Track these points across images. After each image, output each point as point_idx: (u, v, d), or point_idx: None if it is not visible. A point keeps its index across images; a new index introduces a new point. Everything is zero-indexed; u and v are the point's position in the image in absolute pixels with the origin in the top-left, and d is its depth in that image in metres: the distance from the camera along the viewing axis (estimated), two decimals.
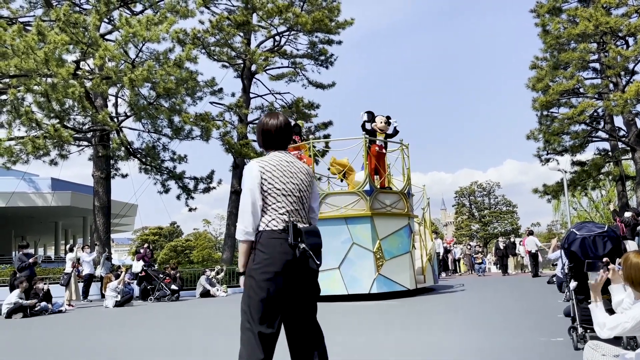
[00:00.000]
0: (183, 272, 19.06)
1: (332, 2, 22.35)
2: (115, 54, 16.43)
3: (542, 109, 23.74)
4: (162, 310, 11.88)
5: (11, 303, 11.29)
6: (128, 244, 76.64)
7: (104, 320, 10.48)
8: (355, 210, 11.51)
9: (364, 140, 11.86)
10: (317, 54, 23.39)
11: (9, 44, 15.42)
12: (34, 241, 40.47)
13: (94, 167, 19.82)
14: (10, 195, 22.80)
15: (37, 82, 16.03)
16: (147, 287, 15.74)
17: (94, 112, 17.70)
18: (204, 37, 20.83)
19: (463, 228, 67.52)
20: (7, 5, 19.28)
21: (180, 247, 43.02)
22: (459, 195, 71.23)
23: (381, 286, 11.22)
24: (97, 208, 19.59)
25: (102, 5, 17.27)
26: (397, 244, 11.71)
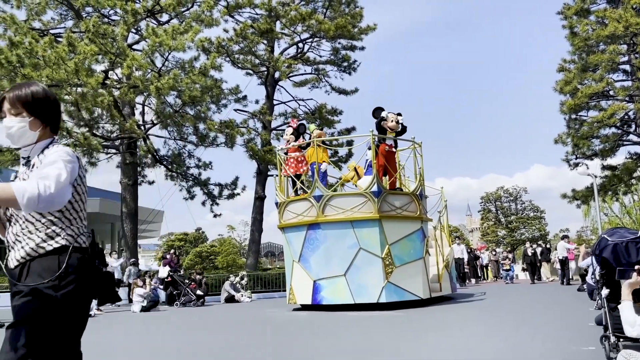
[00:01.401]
0: (208, 277, 19.24)
1: (354, 8, 22.39)
2: (142, 63, 16.75)
3: (570, 112, 23.26)
4: (187, 315, 12.00)
5: None
6: (154, 249, 77.70)
7: (130, 324, 10.65)
8: (362, 212, 10.74)
9: (371, 137, 11.11)
10: (340, 60, 23.44)
11: (41, 55, 15.87)
12: None
13: (121, 174, 20.21)
14: None
15: (68, 91, 16.46)
16: (173, 292, 15.93)
17: (122, 120, 18.07)
18: (229, 46, 21.09)
19: (489, 234, 66.50)
20: (39, 17, 19.85)
21: (205, 253, 43.35)
22: (485, 200, 70.23)
23: (391, 295, 10.45)
24: (125, 214, 19.95)
25: (129, 16, 17.66)
26: (409, 250, 10.96)
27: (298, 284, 11.39)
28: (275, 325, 8.95)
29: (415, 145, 11.84)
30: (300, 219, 11.32)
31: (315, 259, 11.02)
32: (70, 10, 20.08)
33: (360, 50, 23.40)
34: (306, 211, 11.22)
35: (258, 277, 19.79)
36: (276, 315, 10.75)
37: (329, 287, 10.76)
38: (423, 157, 11.99)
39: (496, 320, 8.46)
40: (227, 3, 20.97)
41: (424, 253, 11.30)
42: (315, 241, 11.00)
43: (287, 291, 12.18)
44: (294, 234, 11.55)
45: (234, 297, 16.25)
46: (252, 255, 22.55)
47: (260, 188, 21.82)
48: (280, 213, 12.06)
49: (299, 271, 11.37)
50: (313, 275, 11.00)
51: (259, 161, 21.25)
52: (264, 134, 21.70)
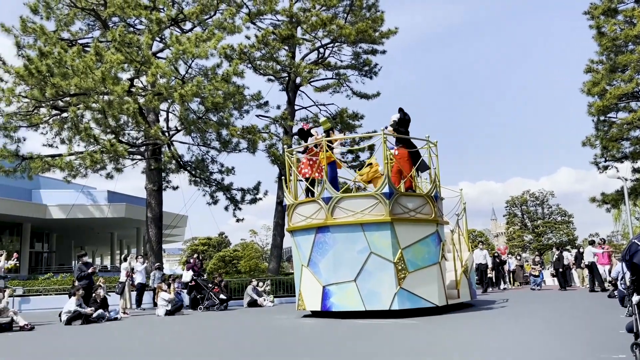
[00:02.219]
0: (231, 282, 19.40)
1: (375, 12, 22.39)
2: (166, 71, 17.05)
3: (598, 114, 22.78)
4: (209, 319, 12.11)
5: (70, 311, 11.83)
6: (179, 254, 78.71)
7: (155, 327, 10.80)
8: (372, 215, 10.25)
9: (382, 137, 10.66)
10: (361, 65, 23.44)
11: (70, 64, 16.30)
12: (92, 251, 42.30)
13: (146, 180, 20.57)
14: (71, 207, 23.97)
15: (95, 99, 16.87)
16: (196, 296, 16.11)
17: (147, 127, 18.41)
18: (250, 52, 21.31)
19: (515, 239, 65.42)
20: (68, 28, 20.40)
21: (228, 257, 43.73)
22: (510, 205, 69.15)
23: (404, 302, 9.97)
24: (150, 219, 20.29)
25: (154, 25, 18.02)
26: (423, 254, 10.46)
27: (307, 290, 11.03)
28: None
29: (430, 144, 11.30)
30: (309, 222, 10.94)
31: (324, 263, 10.62)
32: (98, 20, 20.59)
33: (382, 54, 23.38)
34: (315, 214, 10.84)
35: (280, 281, 19.86)
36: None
37: (339, 293, 10.36)
38: (438, 157, 11.54)
39: (518, 327, 8.12)
40: (249, 10, 21.21)
41: (439, 258, 10.79)
42: (324, 245, 10.61)
43: (296, 297, 11.81)
44: (303, 238, 11.17)
45: (256, 302, 16.35)
46: (274, 259, 22.66)
47: (282, 193, 21.92)
48: (289, 216, 11.73)
49: (308, 276, 10.99)
50: (322, 281, 10.61)
51: (281, 166, 21.38)
52: (285, 139, 21.82)
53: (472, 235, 64.94)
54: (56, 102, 18.06)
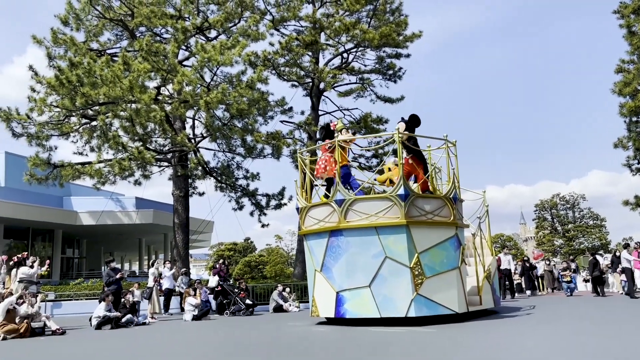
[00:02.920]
0: (257, 287, 19.49)
1: (399, 16, 22.32)
2: (192, 79, 17.31)
3: (630, 114, 22.16)
4: (235, 324, 12.17)
5: (99, 316, 12.06)
6: (205, 259, 79.57)
7: (181, 332, 10.92)
8: (387, 218, 9.79)
9: (396, 136, 10.20)
10: (385, 69, 23.38)
11: (99, 74, 16.70)
12: (121, 257, 43.08)
13: (173, 186, 20.88)
14: (100, 214, 24.48)
15: (123, 108, 17.23)
16: (223, 301, 16.23)
17: (173, 134, 18.70)
18: (274, 59, 21.47)
19: (545, 243, 64.09)
20: (97, 38, 20.93)
21: (254, 263, 44.03)
22: (540, 208, 67.85)
23: (421, 308, 9.52)
24: (177, 225, 20.58)
25: (180, 33, 18.33)
26: (441, 259, 9.98)
27: (321, 296, 10.66)
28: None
29: (449, 144, 10.81)
30: (322, 225, 10.55)
31: (337, 268, 10.24)
32: (125, 30, 21.06)
33: (406, 57, 23.29)
34: (328, 217, 10.45)
35: (305, 286, 19.85)
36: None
37: (353, 299, 9.98)
38: (457, 157, 11.00)
39: (544, 335, 7.68)
40: (273, 17, 21.39)
41: (459, 262, 10.27)
42: (337, 249, 10.23)
43: (309, 303, 11.39)
44: (316, 242, 10.79)
45: (282, 307, 16.38)
46: (299, 264, 22.68)
47: None
48: (301, 219, 11.33)
49: (321, 281, 10.63)
50: (336, 286, 10.23)
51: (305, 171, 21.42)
52: (309, 144, 21.88)
53: (501, 240, 63.93)
54: (86, 111, 18.50)
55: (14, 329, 10.57)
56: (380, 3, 21.97)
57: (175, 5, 20.38)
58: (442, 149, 10.93)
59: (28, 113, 18.07)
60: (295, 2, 21.28)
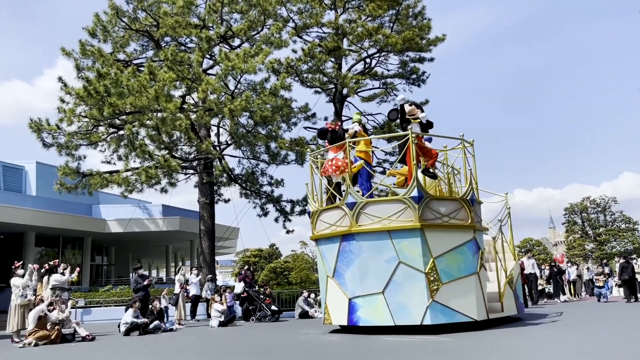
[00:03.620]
0: (282, 293, 19.49)
1: (422, 20, 22.16)
2: (216, 87, 17.49)
3: None
4: (254, 331, 12.17)
5: (127, 322, 12.22)
6: (231, 265, 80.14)
7: (208, 338, 10.97)
8: (400, 221, 9.42)
9: (410, 135, 9.78)
10: (408, 73, 23.22)
11: (125, 84, 17.01)
12: (148, 264, 43.67)
13: (199, 194, 21.10)
14: (128, 221, 24.86)
15: (149, 117, 17.50)
16: (248, 307, 16.27)
17: (199, 142, 18.91)
18: (297, 65, 21.54)
19: (575, 248, 62.59)
20: (123, 49, 21.35)
21: (280, 269, 44.12)
22: (569, 212, 66.38)
23: (437, 316, 9.11)
24: (203, 232, 20.77)
25: (204, 42, 18.57)
26: (458, 263, 9.56)
27: (333, 303, 10.36)
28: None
29: (465, 143, 10.39)
30: (333, 230, 10.24)
31: (350, 274, 9.90)
32: (151, 41, 21.43)
33: (430, 61, 23.08)
34: (339, 220, 10.11)
35: None
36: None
37: (366, 306, 9.62)
38: (475, 157, 10.54)
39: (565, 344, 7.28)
40: (295, 24, 21.48)
41: (477, 267, 9.83)
42: (349, 254, 9.88)
43: (322, 310, 11.05)
44: (327, 246, 10.49)
45: (307, 313, 16.33)
46: None
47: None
48: (313, 223, 11.02)
49: (333, 288, 10.33)
50: (348, 293, 9.89)
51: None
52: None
53: (529, 244, 62.64)
54: (113, 121, 18.85)
55: (45, 335, 10.78)
56: (403, 7, 21.85)
57: (199, 15, 20.66)
58: (457, 149, 10.51)
59: (58, 123, 18.51)
60: (318, 9, 21.33)
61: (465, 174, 10.38)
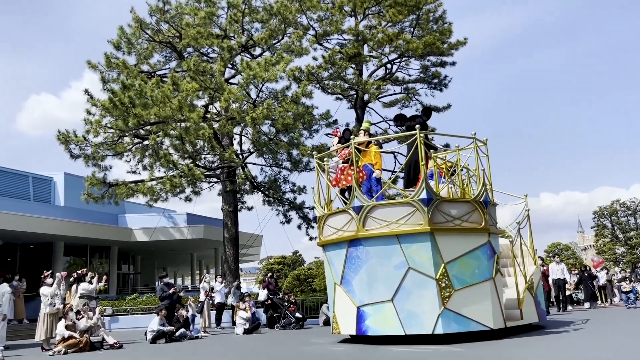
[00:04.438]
0: (306, 300, 19.44)
1: (443, 24, 22.02)
2: (238, 96, 17.65)
3: None
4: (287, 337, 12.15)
5: (154, 330, 12.34)
6: (255, 272, 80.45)
7: (233, 346, 11.00)
8: (409, 225, 9.00)
9: (418, 135, 9.38)
10: (429, 78, 23.06)
11: (149, 95, 17.30)
12: (174, 272, 44.13)
13: (222, 202, 21.26)
14: (153, 230, 25.19)
15: (173, 127, 17.76)
16: (273, 315, 16.28)
17: (222, 150, 19.08)
18: (318, 73, 21.60)
19: (605, 252, 61.05)
20: (147, 61, 21.74)
21: (303, 276, 44.04)
22: (598, 215, 64.85)
23: (449, 324, 8.67)
24: (227, 239, 20.91)
25: (225, 52, 18.78)
26: (472, 269, 9.10)
27: (341, 311, 9.98)
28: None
29: (477, 142, 9.93)
30: (340, 235, 9.86)
31: (357, 281, 9.51)
32: (174, 52, 21.78)
33: (451, 65, 22.89)
34: (346, 225, 9.75)
35: None
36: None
37: (375, 314, 9.22)
38: (489, 156, 10.13)
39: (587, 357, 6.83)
40: (316, 32, 21.57)
41: (493, 273, 9.36)
42: (356, 260, 9.49)
43: (330, 319, 10.74)
44: (335, 252, 10.11)
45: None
46: None
47: None
48: (319, 228, 10.67)
49: (341, 296, 9.94)
50: (356, 301, 9.49)
51: None
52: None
53: (557, 249, 61.33)
54: (138, 131, 19.17)
55: (74, 343, 10.96)
56: (423, 12, 21.75)
57: (220, 25, 20.93)
58: (469, 148, 10.02)
59: (85, 135, 18.90)
60: (338, 16, 21.38)
61: (477, 174, 9.96)
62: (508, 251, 11.31)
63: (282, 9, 19.21)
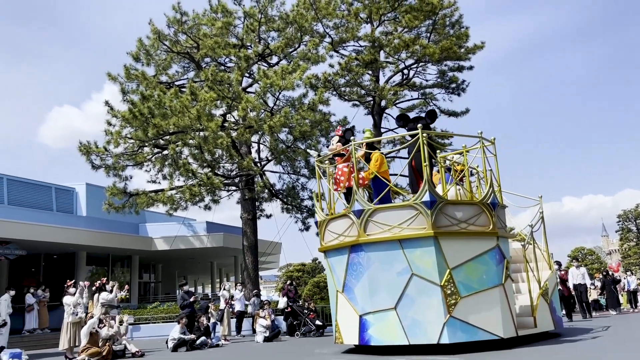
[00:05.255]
0: (326, 307, 19.33)
1: (459, 29, 21.90)
2: (255, 105, 17.76)
3: None
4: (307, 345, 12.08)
5: (175, 338, 12.40)
6: (275, 280, 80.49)
7: (253, 354, 10.97)
8: (412, 229, 8.62)
9: (420, 135, 8.98)
10: (447, 83, 22.92)
11: (168, 105, 17.51)
12: (194, 280, 44.36)
13: (241, 210, 21.35)
14: (173, 239, 25.38)
15: (192, 136, 17.93)
16: (293, 322, 16.24)
17: (240, 159, 19.19)
18: (335, 80, 21.64)
19: (631, 256, 59.67)
20: (166, 72, 22.04)
21: (323, 283, 43.81)
22: (623, 219, 63.46)
23: (455, 333, 8.27)
24: (246, 247, 20.97)
25: (242, 62, 18.94)
26: (480, 274, 8.66)
27: (344, 320, 9.60)
28: None
29: (484, 142, 9.55)
30: (342, 240, 9.49)
31: (359, 288, 9.12)
32: (192, 62, 22.04)
33: (469, 69, 22.72)
34: (347, 230, 9.38)
35: None
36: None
37: (377, 323, 8.81)
38: (497, 156, 9.68)
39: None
40: (332, 39, 21.63)
41: (502, 278, 8.90)
42: (358, 266, 9.08)
43: (333, 328, 10.33)
44: (336, 259, 9.71)
45: None
46: None
47: None
48: (321, 234, 10.32)
49: (343, 304, 9.56)
50: (359, 309, 9.10)
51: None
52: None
53: (582, 254, 60.11)
54: (157, 141, 19.39)
55: (97, 351, 11.06)
56: (440, 17, 21.66)
57: (237, 34, 21.12)
58: (475, 148, 9.60)
59: (105, 146, 19.19)
60: (354, 23, 21.42)
61: (485, 175, 9.54)
62: (518, 255, 10.91)
63: (298, 17, 19.32)
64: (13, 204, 21.51)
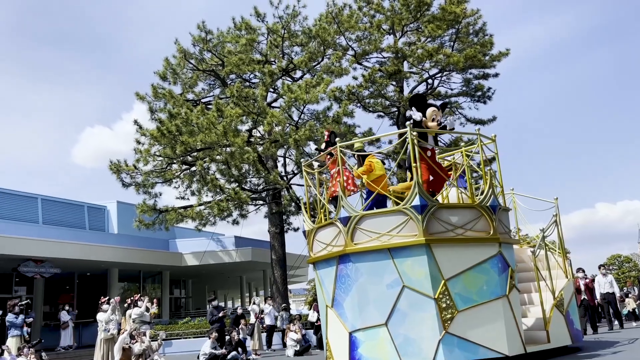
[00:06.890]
0: None
1: (483, 37, 21.72)
2: (280, 119, 17.89)
3: None
4: None
5: (206, 353, 12.44)
6: (304, 294, 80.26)
7: None
8: (402, 236, 7.82)
9: (409, 133, 8.30)
10: (472, 91, 22.70)
11: (195, 122, 17.80)
12: (224, 295, 44.60)
13: (269, 224, 21.42)
14: (202, 254, 25.60)
15: (219, 152, 18.16)
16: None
17: (266, 173, 19.32)
18: (359, 92, 21.66)
19: None
20: (192, 89, 22.45)
21: None
22: None
23: (452, 351, 7.46)
24: (274, 261, 21.00)
25: (267, 77, 19.15)
26: (479, 285, 7.81)
27: (334, 337, 8.78)
28: None
29: (483, 140, 8.85)
30: (330, 251, 8.75)
31: (348, 303, 8.31)
32: (217, 79, 22.39)
33: (494, 77, 22.47)
34: (335, 239, 8.63)
35: None
36: None
37: (368, 341, 8.03)
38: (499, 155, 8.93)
39: None
40: (355, 52, 21.70)
41: (506, 289, 8.01)
42: (346, 279, 8.29)
43: (324, 345, 9.52)
44: (325, 271, 8.95)
45: None
46: None
47: None
48: (309, 244, 9.69)
49: (333, 320, 8.74)
50: (348, 326, 8.29)
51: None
52: (399, 173, 21.55)
53: (618, 261, 58.21)
54: (185, 158, 19.70)
55: None
56: (463, 26, 21.54)
57: (261, 50, 21.38)
58: (472, 147, 9.00)
59: (135, 164, 19.60)
60: (376, 35, 21.45)
61: (483, 175, 8.76)
62: (528, 262, 10.13)
63: (321, 31, 19.46)
64: (47, 223, 22.05)
